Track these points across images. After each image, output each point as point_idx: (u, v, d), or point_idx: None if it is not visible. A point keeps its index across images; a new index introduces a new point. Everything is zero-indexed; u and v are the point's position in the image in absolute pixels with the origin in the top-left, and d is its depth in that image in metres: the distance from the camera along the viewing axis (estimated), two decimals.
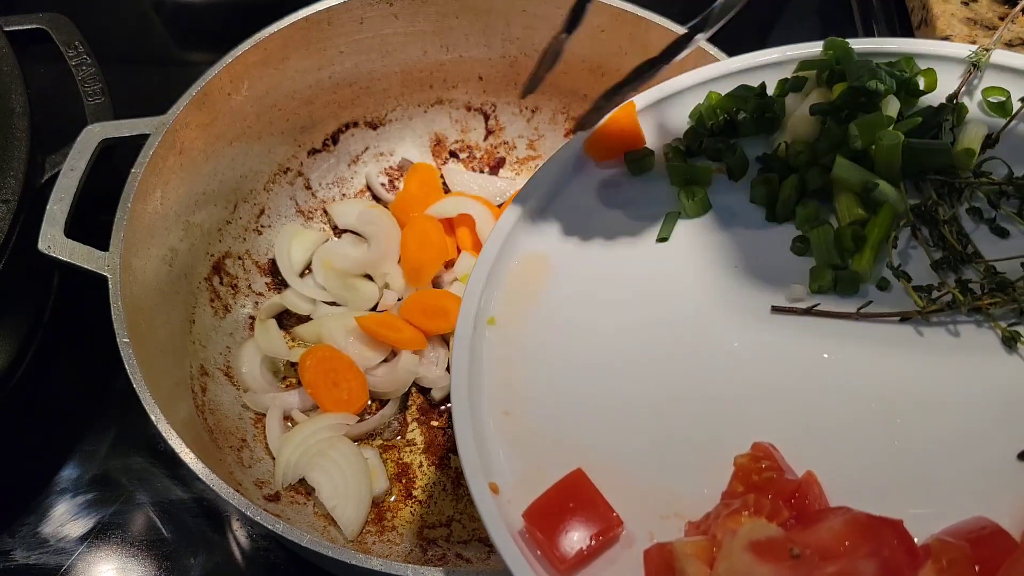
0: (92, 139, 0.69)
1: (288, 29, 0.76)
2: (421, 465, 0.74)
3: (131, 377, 0.59)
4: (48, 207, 0.66)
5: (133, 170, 0.67)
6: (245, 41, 0.75)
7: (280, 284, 0.82)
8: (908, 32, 1.04)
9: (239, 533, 0.72)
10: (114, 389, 0.79)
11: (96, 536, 0.71)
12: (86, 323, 0.61)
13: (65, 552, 0.70)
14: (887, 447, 0.47)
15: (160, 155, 0.69)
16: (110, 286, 0.63)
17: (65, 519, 0.72)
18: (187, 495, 0.73)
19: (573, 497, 0.45)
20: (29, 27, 0.85)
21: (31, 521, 0.72)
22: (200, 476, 0.57)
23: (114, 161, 0.72)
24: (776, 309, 0.53)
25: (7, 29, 0.80)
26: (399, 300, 0.81)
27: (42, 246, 0.65)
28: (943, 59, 0.61)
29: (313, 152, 0.86)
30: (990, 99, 0.59)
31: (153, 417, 0.58)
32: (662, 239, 0.57)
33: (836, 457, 0.47)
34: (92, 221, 0.67)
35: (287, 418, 0.75)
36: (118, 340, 0.61)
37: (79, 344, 0.81)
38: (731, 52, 0.76)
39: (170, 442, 0.58)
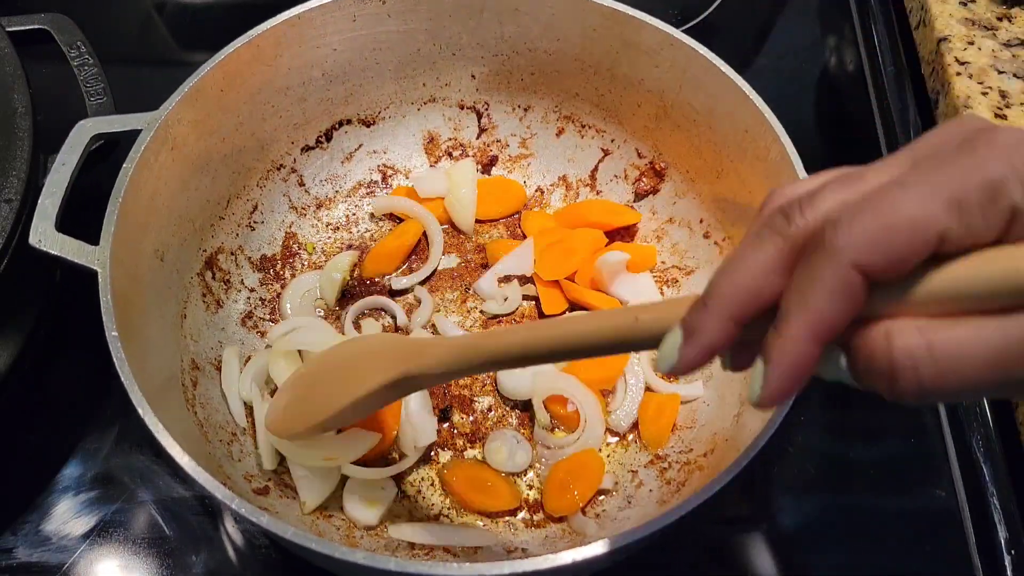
0: (84, 134, 0.70)
1: (281, 26, 0.76)
2: None
3: (119, 371, 0.59)
4: (40, 201, 0.66)
5: (124, 165, 0.67)
6: (238, 38, 0.75)
7: (275, 279, 0.83)
8: (907, 32, 1.04)
9: (241, 531, 0.72)
10: (116, 387, 0.78)
11: (98, 534, 0.72)
12: (88, 321, 0.61)
13: (67, 550, 0.71)
14: None
15: (152, 150, 0.69)
16: (99, 280, 0.63)
17: (67, 517, 0.73)
18: (189, 493, 0.74)
19: None
20: (31, 27, 0.87)
21: (33, 519, 0.72)
22: (185, 468, 0.57)
23: (115, 157, 0.73)
24: None
25: (9, 29, 0.81)
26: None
27: (33, 240, 0.65)
28: None
29: (306, 149, 0.86)
30: None
31: (140, 411, 0.58)
32: None
33: None
34: (92, 217, 0.67)
35: None
36: (107, 334, 0.61)
37: (81, 342, 0.82)
38: (731, 52, 0.76)
39: (156, 435, 0.57)
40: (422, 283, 0.84)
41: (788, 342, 0.35)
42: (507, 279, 0.83)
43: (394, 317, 0.82)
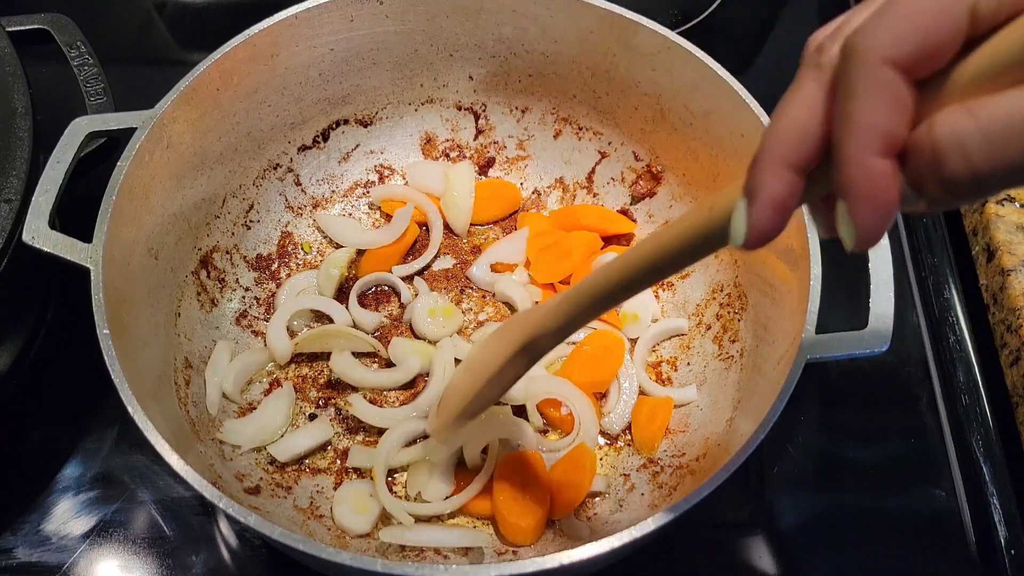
0: (79, 132, 0.70)
1: (278, 26, 0.76)
2: None
3: (109, 368, 0.60)
4: (33, 199, 0.67)
5: (119, 163, 0.68)
6: (234, 37, 0.75)
7: (270, 279, 0.83)
8: None
9: (240, 531, 0.72)
10: (116, 387, 0.79)
11: (98, 534, 0.72)
12: (89, 321, 0.61)
13: (67, 550, 0.71)
14: None
15: (146, 149, 0.69)
16: (92, 277, 0.63)
17: (67, 517, 0.73)
18: (189, 493, 0.73)
19: None
20: (31, 27, 0.86)
21: (33, 519, 0.72)
22: (174, 466, 0.57)
23: (116, 158, 0.73)
24: None
25: (9, 29, 0.81)
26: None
27: (26, 237, 0.65)
28: None
29: (303, 149, 0.86)
30: None
31: (130, 408, 0.58)
32: None
33: None
34: (89, 215, 0.67)
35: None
36: (98, 331, 0.61)
37: (82, 342, 0.81)
38: (731, 52, 0.76)
39: (145, 433, 0.58)
40: (420, 273, 0.85)
41: (851, 167, 0.32)
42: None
43: (398, 294, 0.83)
